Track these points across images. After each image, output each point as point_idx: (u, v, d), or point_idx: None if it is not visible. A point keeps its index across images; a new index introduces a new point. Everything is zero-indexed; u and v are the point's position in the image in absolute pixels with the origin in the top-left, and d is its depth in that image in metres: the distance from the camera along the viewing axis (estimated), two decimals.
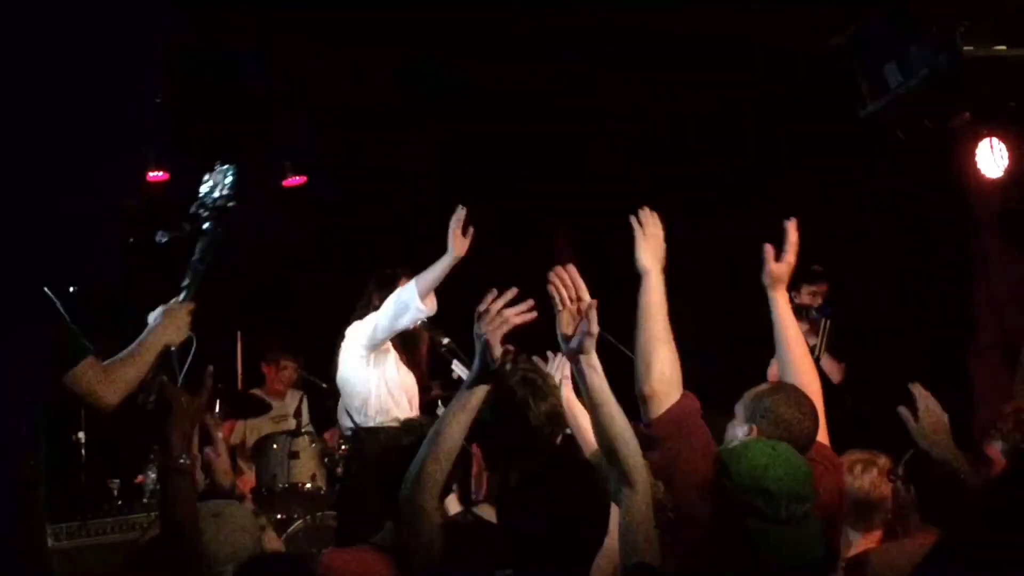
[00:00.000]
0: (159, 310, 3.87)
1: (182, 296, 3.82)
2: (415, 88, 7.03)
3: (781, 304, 3.60)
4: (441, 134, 7.85)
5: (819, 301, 6.42)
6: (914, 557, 3.16)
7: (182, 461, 2.96)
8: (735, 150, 7.73)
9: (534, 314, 2.94)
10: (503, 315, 2.89)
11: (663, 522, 3.09)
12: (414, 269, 5.31)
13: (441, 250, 5.15)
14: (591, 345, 2.88)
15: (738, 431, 3.26)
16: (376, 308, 5.28)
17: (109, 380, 3.75)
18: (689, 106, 7.64)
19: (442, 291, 5.29)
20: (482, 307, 2.92)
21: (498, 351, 2.90)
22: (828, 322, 6.44)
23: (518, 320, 2.91)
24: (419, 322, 5.36)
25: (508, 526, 2.80)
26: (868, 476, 3.90)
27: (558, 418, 3.31)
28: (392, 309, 5.16)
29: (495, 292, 2.95)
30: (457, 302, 4.75)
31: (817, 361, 5.68)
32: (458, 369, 5.35)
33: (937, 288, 7.09)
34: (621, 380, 3.14)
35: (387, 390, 5.30)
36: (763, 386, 3.44)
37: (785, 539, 2.61)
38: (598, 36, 6.43)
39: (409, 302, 5.12)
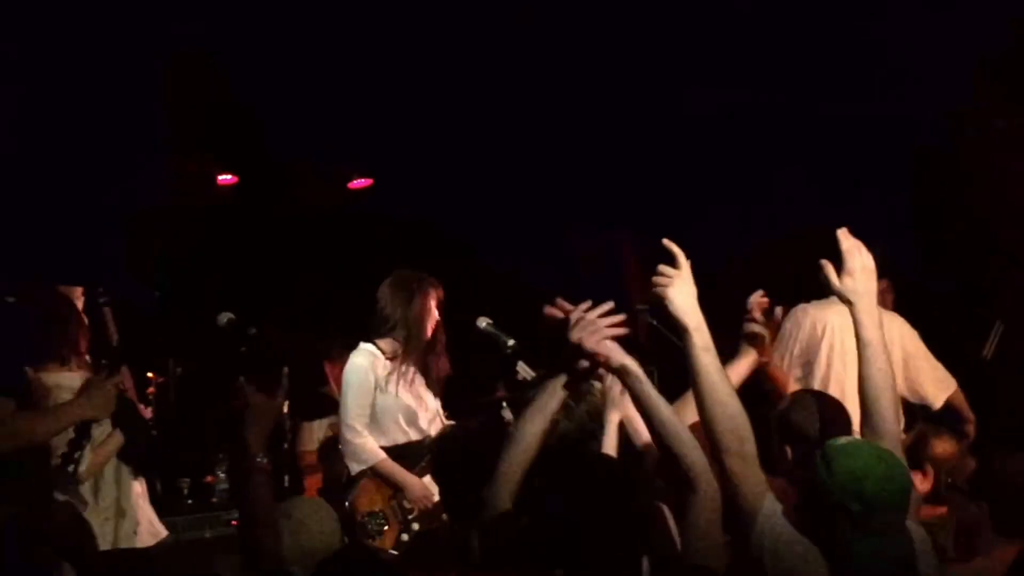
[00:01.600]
0: (83, 382, 3.84)
1: (106, 372, 3.78)
2: None
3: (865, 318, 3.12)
4: None
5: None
6: (996, 573, 3.13)
7: (259, 460, 2.98)
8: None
9: (626, 330, 2.90)
10: (597, 324, 2.85)
11: None
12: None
13: None
14: (619, 357, 2.86)
15: None
16: (402, 314, 5.23)
17: (5, 429, 3.70)
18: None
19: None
20: (576, 314, 2.88)
21: (613, 357, 2.86)
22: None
23: (612, 332, 2.87)
24: (486, 323, 5.38)
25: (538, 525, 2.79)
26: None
27: (598, 415, 3.40)
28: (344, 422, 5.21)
29: (589, 302, 2.92)
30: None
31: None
32: (523, 371, 5.34)
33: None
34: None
35: (382, 415, 5.24)
36: None
37: (873, 549, 2.56)
38: None
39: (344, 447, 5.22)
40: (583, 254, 8.65)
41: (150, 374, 6.68)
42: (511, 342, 5.39)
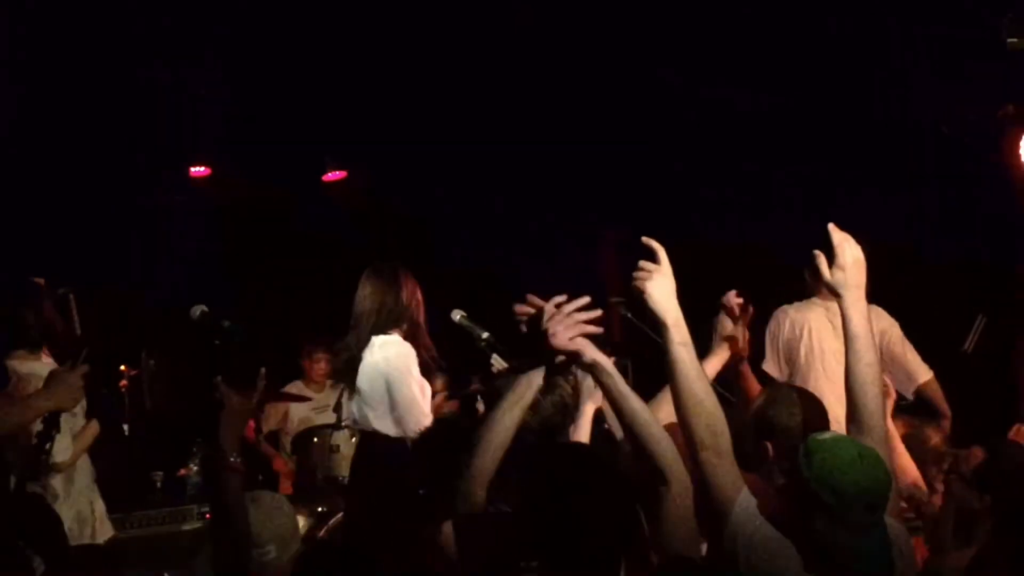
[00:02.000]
0: (48, 372, 3.83)
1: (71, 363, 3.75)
2: None
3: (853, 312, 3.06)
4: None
5: None
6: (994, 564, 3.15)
7: (233, 460, 2.99)
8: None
9: (601, 328, 2.86)
10: (574, 318, 2.82)
11: None
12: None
13: None
14: (591, 353, 2.83)
15: None
16: (396, 307, 5.18)
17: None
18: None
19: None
20: (549, 307, 2.84)
21: (585, 352, 2.82)
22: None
23: (588, 329, 2.83)
24: (460, 315, 5.38)
25: (523, 518, 2.78)
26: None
27: (566, 408, 3.38)
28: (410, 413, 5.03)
29: (564, 296, 2.88)
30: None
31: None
32: (498, 364, 5.34)
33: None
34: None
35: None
36: None
37: (850, 544, 2.56)
38: None
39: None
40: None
41: (123, 367, 6.66)
42: (485, 335, 5.37)
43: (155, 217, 7.75)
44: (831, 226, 3.06)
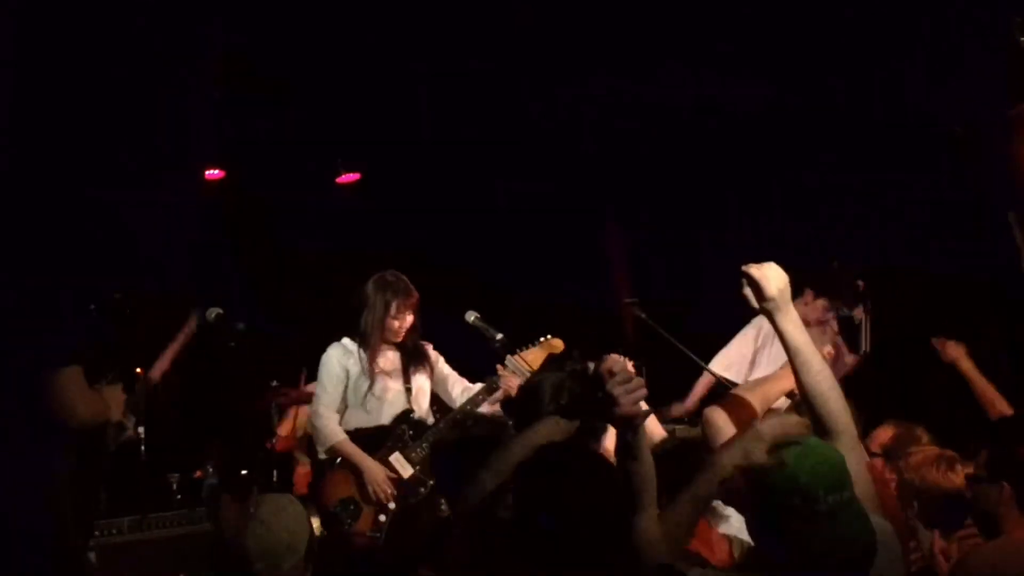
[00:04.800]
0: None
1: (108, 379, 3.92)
2: None
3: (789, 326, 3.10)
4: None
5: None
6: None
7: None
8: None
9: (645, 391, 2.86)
10: (637, 384, 2.80)
11: None
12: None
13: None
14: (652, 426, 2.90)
15: None
16: (362, 315, 5.44)
17: (87, 398, 3.78)
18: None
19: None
20: (605, 371, 2.82)
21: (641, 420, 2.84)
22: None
23: (644, 393, 2.82)
24: (475, 317, 5.48)
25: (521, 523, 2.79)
26: (956, 475, 3.87)
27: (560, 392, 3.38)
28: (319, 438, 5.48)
29: (630, 363, 2.94)
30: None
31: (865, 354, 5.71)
32: (511, 364, 5.38)
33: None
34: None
35: (354, 404, 5.50)
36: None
37: (831, 532, 2.56)
38: None
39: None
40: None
41: (138, 369, 6.68)
42: (499, 336, 5.43)
43: (168, 219, 7.78)
44: (745, 268, 3.08)
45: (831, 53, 6.55)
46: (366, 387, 5.45)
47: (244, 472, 6.49)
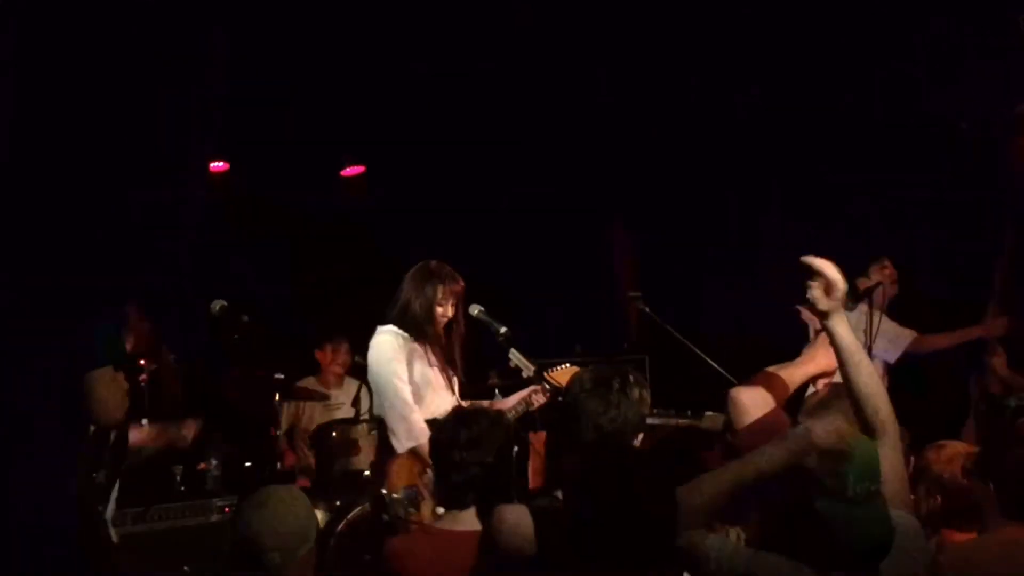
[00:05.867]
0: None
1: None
2: None
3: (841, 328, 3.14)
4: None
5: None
6: (1007, 550, 3.17)
7: None
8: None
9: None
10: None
11: None
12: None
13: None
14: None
15: None
16: (409, 302, 5.31)
17: (119, 397, 3.83)
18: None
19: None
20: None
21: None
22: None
23: None
24: (479, 310, 5.45)
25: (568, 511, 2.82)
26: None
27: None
28: (403, 425, 5.19)
29: None
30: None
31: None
32: (515, 359, 5.38)
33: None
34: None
35: (411, 389, 5.28)
36: None
37: (854, 518, 2.63)
38: None
39: (403, 440, 5.18)
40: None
41: (142, 361, 6.69)
42: (503, 329, 5.42)
43: (173, 211, 7.78)
44: (817, 265, 3.08)
45: (831, 53, 6.57)
46: (422, 378, 5.32)
47: (247, 464, 6.52)
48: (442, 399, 5.33)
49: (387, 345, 5.32)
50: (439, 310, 5.33)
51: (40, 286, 3.87)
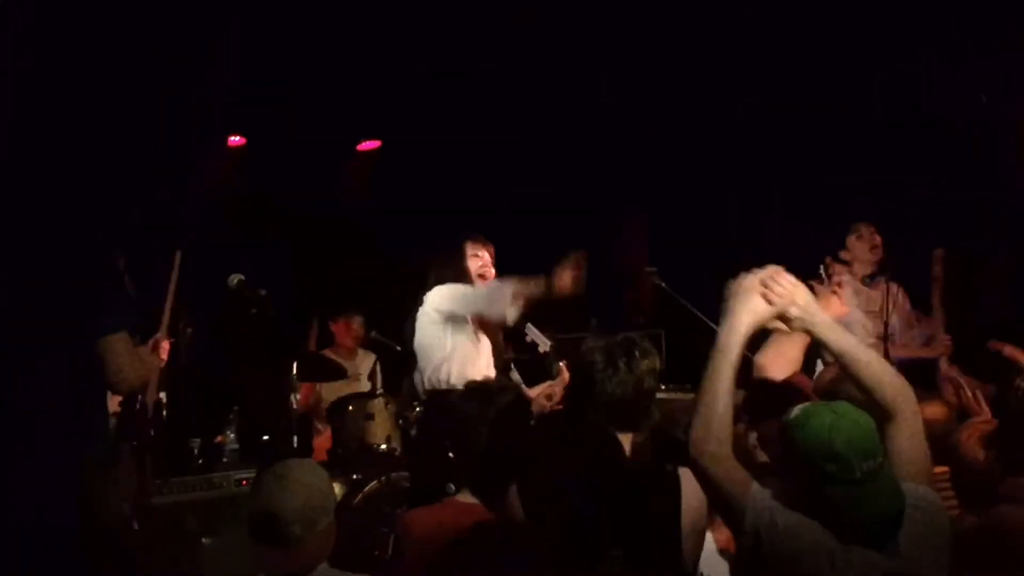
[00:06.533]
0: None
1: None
2: None
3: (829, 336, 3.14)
4: None
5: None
6: None
7: None
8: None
9: None
10: None
11: None
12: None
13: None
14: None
15: None
16: (451, 274, 5.28)
17: (137, 363, 3.86)
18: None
19: None
20: None
21: None
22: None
23: None
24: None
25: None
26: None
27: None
28: (487, 296, 5.15)
29: None
30: None
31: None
32: (531, 333, 5.39)
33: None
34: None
35: (465, 353, 5.25)
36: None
37: (865, 497, 2.63)
38: None
39: (504, 300, 5.11)
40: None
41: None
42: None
43: (190, 186, 7.80)
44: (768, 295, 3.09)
45: (830, 54, 6.54)
46: (468, 334, 5.30)
47: (265, 438, 6.55)
48: (483, 358, 5.33)
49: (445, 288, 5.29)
50: (477, 263, 5.34)
51: (40, 286, 3.87)
